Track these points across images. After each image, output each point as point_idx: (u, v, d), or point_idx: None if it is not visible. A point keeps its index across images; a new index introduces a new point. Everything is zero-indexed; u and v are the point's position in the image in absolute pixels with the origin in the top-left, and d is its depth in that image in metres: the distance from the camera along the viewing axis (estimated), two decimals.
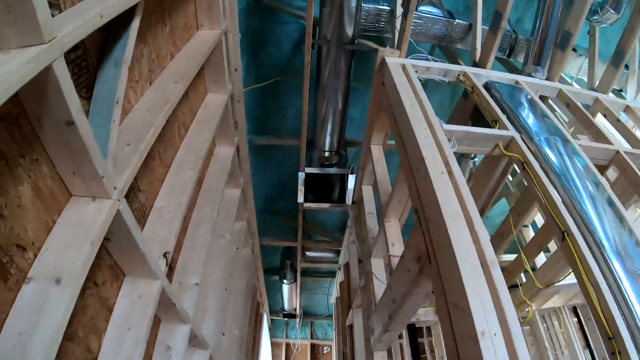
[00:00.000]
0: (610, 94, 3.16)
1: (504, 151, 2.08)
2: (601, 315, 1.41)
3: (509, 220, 2.88)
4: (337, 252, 4.99)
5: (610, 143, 2.34)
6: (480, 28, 2.93)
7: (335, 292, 5.56)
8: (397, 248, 2.30)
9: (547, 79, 2.96)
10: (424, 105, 2.16)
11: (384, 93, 2.68)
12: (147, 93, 1.63)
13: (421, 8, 2.97)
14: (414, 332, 3.75)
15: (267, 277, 5.77)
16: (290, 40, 3.70)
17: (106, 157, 1.12)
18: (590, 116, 2.55)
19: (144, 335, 1.37)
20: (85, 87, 1.19)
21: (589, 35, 3.31)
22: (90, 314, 1.26)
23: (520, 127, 2.25)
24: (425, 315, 3.24)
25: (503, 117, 2.24)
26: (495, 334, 1.17)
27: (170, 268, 2.05)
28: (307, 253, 4.99)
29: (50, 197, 1.04)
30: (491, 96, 2.47)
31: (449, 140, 1.98)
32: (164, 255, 1.58)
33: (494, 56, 2.85)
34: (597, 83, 3.18)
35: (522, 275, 3.45)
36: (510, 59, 3.36)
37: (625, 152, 2.25)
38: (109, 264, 1.40)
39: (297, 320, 6.71)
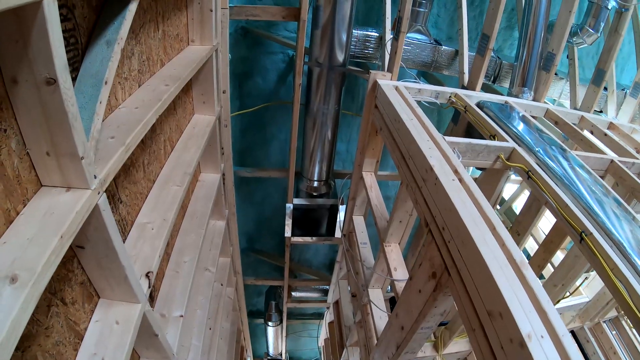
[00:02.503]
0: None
1: (507, 162, 2.02)
2: (635, 309, 1.30)
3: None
4: (325, 292, 4.69)
5: (603, 153, 2.35)
6: (467, 52, 3.02)
7: (323, 334, 5.16)
8: (400, 273, 2.13)
9: (534, 100, 3.03)
10: (423, 120, 2.12)
11: (377, 115, 2.64)
12: (136, 93, 1.50)
13: (408, 35, 3.04)
14: None
15: (250, 320, 5.32)
16: (277, 71, 3.70)
17: (88, 138, 0.96)
18: (580, 130, 2.58)
19: None
20: (72, 65, 1.05)
21: (568, 59, 3.49)
22: (54, 338, 1.02)
23: (517, 140, 2.23)
24: (423, 351, 3.00)
25: (501, 131, 2.22)
26: (542, 336, 1.02)
27: (151, 297, 1.80)
28: (293, 293, 4.66)
29: (15, 182, 0.86)
30: (485, 114, 2.47)
31: (453, 151, 1.92)
32: (147, 275, 1.36)
33: (482, 78, 2.91)
34: (579, 103, 3.29)
35: None
36: (495, 85, 3.46)
37: (619, 161, 2.26)
38: (81, 280, 1.17)
39: None
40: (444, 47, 3.22)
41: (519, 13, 3.26)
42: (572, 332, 3.36)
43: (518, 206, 4.94)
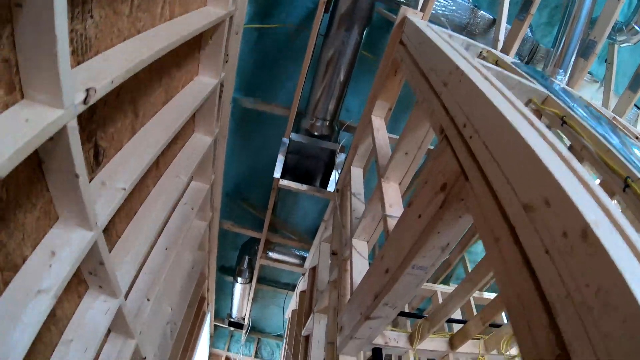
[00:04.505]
0: None
1: (540, 105, 1.75)
2: None
3: None
4: (304, 259, 4.39)
5: None
6: (505, 18, 2.79)
7: (292, 306, 4.84)
8: (395, 210, 1.85)
9: (567, 85, 2.79)
10: (451, 43, 1.85)
11: (400, 50, 2.38)
12: None
13: None
14: (380, 357, 3.15)
15: (220, 275, 5.00)
16: (305, 10, 3.43)
17: None
18: (616, 116, 2.32)
19: None
20: None
21: (606, 62, 3.26)
22: None
23: (556, 95, 1.95)
24: (396, 340, 2.71)
25: (536, 85, 1.94)
26: (610, 231, 0.67)
27: (97, 162, 1.51)
28: (270, 254, 4.35)
29: None
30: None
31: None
32: (87, 90, 1.08)
33: (517, 45, 2.67)
34: (612, 109, 3.06)
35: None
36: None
37: None
38: (5, 56, 0.90)
39: (244, 331, 5.74)
40: (481, 11, 2.97)
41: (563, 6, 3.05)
42: None
43: None
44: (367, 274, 1.80)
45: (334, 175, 3.16)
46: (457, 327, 3.11)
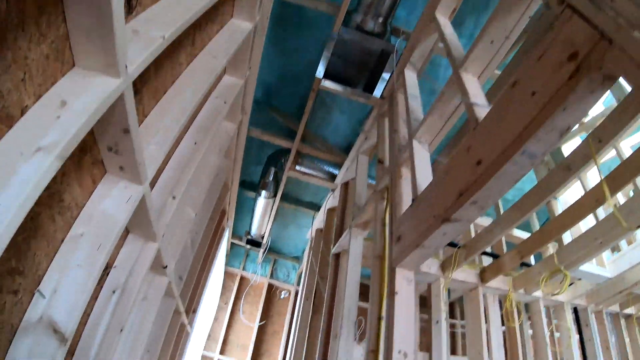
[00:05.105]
0: None
1: None
2: None
3: (589, 142, 2.10)
4: (331, 175, 4.14)
5: None
6: None
7: (316, 225, 4.73)
8: (480, 100, 1.53)
9: None
10: None
11: None
12: None
13: None
14: None
15: (241, 190, 4.83)
16: None
17: None
18: None
19: None
20: None
21: None
22: None
23: None
24: (429, 266, 2.56)
25: None
26: None
27: (129, 7, 1.19)
28: (298, 167, 4.12)
29: None
30: None
31: None
32: None
33: None
34: None
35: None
36: None
37: None
38: None
39: (262, 250, 5.71)
40: None
41: None
42: (575, 310, 2.93)
43: (566, 150, 4.28)
44: (445, 171, 1.53)
45: (380, 82, 2.77)
46: (486, 262, 2.99)
